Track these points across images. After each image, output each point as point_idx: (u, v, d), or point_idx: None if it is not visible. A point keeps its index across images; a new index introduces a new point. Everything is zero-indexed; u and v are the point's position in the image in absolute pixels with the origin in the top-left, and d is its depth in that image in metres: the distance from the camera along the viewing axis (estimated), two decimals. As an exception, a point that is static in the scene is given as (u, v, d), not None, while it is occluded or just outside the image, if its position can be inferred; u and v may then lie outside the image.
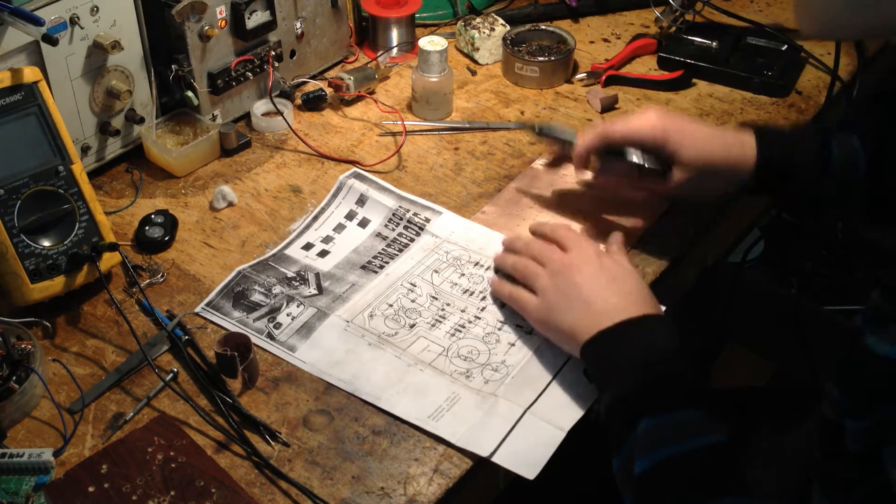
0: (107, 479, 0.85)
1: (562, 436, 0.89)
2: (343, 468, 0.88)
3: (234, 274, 1.07)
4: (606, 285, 0.94)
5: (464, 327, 1.01)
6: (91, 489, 0.84)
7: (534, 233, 1.08)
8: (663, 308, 0.98)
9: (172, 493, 0.84)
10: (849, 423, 0.74)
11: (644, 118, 1.06)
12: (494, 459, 0.88)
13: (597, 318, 0.91)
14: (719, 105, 1.34)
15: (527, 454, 0.88)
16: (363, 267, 1.09)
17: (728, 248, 1.44)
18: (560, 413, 0.92)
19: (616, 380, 0.88)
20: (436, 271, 1.08)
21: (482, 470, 0.89)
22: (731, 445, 0.81)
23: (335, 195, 1.17)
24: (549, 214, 1.15)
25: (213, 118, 1.26)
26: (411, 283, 1.06)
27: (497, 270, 1.07)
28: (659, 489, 0.82)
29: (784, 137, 1.09)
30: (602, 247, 1.03)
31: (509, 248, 1.07)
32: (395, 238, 1.12)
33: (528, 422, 0.91)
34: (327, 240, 1.12)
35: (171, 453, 0.88)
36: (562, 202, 1.16)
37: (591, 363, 0.92)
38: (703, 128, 1.06)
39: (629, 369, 0.87)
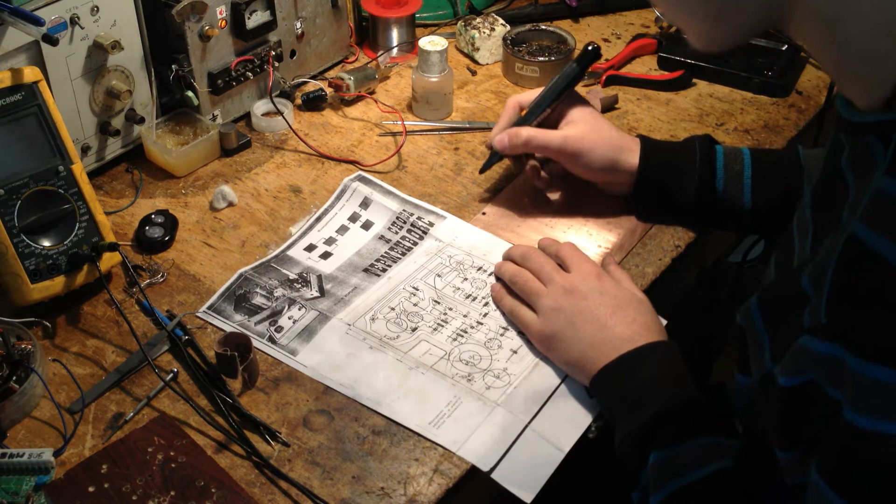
0: (107, 479, 0.85)
1: (561, 456, 0.89)
2: (343, 468, 0.88)
3: (235, 276, 1.06)
4: (612, 313, 0.94)
5: (465, 332, 1.01)
6: (91, 489, 0.84)
7: (539, 247, 1.08)
8: (664, 322, 0.98)
9: (172, 493, 0.84)
10: (779, 454, 0.73)
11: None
12: (494, 476, 0.88)
13: (603, 351, 0.92)
14: (719, 105, 1.34)
15: (525, 473, 0.88)
16: (366, 270, 1.08)
17: (728, 248, 1.44)
18: (560, 429, 0.91)
19: (624, 416, 0.89)
20: (438, 275, 1.07)
21: (482, 470, 0.89)
22: (737, 468, 0.82)
23: (339, 197, 1.17)
24: (551, 214, 1.15)
25: (213, 118, 1.26)
26: (414, 287, 1.06)
27: (499, 278, 1.06)
28: None
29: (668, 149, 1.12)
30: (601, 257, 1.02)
31: (508, 257, 1.07)
32: (398, 241, 1.12)
33: (529, 438, 0.91)
34: (330, 241, 1.12)
35: (171, 453, 0.88)
36: (563, 200, 1.16)
37: (599, 398, 0.93)
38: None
39: (635, 405, 0.88)
